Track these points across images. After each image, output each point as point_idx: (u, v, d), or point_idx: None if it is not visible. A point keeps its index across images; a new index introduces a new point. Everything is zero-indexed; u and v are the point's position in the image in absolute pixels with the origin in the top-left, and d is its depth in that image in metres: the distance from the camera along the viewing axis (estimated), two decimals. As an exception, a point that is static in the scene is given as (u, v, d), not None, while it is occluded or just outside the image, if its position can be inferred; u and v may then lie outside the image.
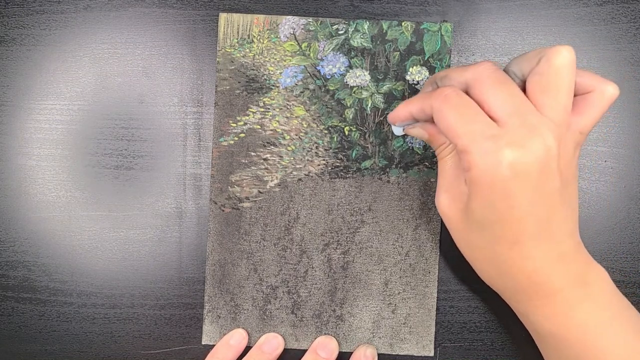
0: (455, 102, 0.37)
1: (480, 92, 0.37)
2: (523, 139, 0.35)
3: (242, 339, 0.48)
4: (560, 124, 0.36)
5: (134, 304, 0.49)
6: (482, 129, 0.36)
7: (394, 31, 0.48)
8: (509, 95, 0.36)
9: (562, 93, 0.36)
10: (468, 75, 0.38)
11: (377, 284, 0.49)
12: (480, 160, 0.35)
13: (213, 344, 0.49)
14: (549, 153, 0.35)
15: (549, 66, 0.36)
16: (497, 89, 0.36)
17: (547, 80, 0.36)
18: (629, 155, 0.49)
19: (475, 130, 0.36)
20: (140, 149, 0.49)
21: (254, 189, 0.48)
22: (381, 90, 0.48)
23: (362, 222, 0.48)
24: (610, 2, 0.48)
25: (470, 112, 0.36)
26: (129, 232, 0.49)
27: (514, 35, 0.48)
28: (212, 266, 0.48)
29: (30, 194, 0.49)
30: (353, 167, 0.48)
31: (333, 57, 0.48)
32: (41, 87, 0.48)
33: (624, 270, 0.49)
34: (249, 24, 0.48)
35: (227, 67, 0.48)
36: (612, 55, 0.48)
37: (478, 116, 0.36)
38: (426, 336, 0.49)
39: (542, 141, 0.35)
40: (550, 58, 0.36)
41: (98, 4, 0.48)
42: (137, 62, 0.48)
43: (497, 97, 0.36)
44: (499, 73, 0.37)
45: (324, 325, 0.49)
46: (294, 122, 0.48)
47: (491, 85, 0.36)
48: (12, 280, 0.49)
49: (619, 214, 0.49)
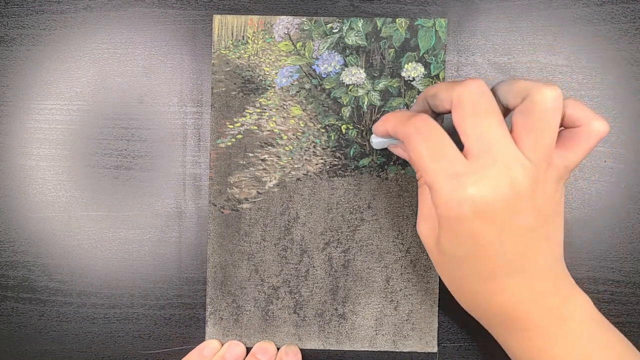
0: (425, 135, 0.36)
1: (460, 120, 0.36)
2: (490, 177, 0.35)
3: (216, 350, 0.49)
4: (539, 164, 0.36)
5: (134, 304, 0.49)
6: (448, 166, 0.35)
7: (388, 28, 0.48)
8: (487, 129, 0.35)
9: (545, 135, 0.36)
10: (454, 94, 0.37)
11: (379, 281, 0.48)
12: (444, 198, 0.35)
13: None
14: (517, 192, 0.35)
15: (532, 107, 0.35)
16: (476, 121, 0.36)
17: (530, 121, 0.35)
18: (629, 155, 0.48)
19: (442, 167, 0.35)
20: (140, 149, 0.49)
21: (252, 190, 0.48)
22: (377, 87, 0.48)
23: (361, 219, 0.48)
24: (610, 2, 0.48)
25: (438, 146, 0.36)
26: (129, 232, 0.49)
27: (514, 35, 0.48)
28: (213, 268, 0.48)
29: (30, 194, 0.49)
30: (351, 165, 0.48)
31: (328, 55, 0.48)
32: (41, 87, 0.49)
33: (624, 270, 0.49)
34: (243, 25, 0.48)
35: (223, 68, 0.48)
36: (612, 55, 0.48)
37: (446, 151, 0.36)
38: (429, 332, 0.49)
39: (510, 181, 0.35)
40: (534, 100, 0.35)
41: (98, 4, 0.48)
42: (137, 62, 0.49)
43: (473, 129, 0.35)
44: (483, 99, 0.36)
45: (326, 324, 0.49)
46: (291, 122, 0.48)
47: (470, 115, 0.36)
48: (12, 280, 0.49)
49: (619, 214, 0.49)
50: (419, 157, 0.36)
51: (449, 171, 0.35)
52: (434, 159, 0.35)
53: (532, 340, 0.39)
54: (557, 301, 0.39)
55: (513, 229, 0.36)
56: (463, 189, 0.34)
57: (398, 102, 0.48)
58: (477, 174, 0.35)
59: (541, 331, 0.39)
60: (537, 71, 0.48)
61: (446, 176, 0.35)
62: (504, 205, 0.35)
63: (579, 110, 0.37)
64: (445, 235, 0.37)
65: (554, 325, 0.39)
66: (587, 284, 0.49)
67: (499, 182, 0.35)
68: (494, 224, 0.35)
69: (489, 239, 0.36)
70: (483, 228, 0.35)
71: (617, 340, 0.40)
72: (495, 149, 0.35)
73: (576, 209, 0.48)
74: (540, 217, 0.37)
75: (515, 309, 0.39)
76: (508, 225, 0.36)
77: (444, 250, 0.38)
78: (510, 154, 0.35)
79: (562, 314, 0.39)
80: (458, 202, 0.35)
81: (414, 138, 0.37)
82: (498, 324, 0.41)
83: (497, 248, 0.36)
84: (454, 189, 0.35)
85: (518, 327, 0.39)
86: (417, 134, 0.36)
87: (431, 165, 0.36)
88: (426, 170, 0.36)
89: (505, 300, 0.38)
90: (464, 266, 0.38)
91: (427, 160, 0.36)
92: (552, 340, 0.39)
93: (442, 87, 0.38)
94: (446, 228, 0.37)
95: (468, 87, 0.36)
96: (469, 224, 0.35)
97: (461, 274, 0.39)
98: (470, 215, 0.35)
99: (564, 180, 0.38)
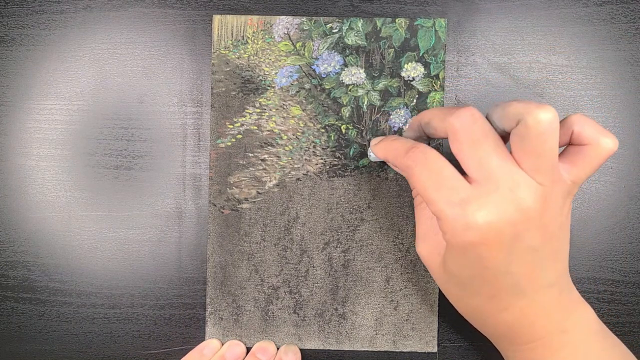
0: (425, 166, 0.37)
1: (457, 150, 0.36)
2: (496, 203, 0.35)
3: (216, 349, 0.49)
4: (545, 183, 0.36)
5: (134, 304, 0.49)
6: (451, 195, 0.35)
7: (388, 28, 0.48)
8: (485, 154, 0.35)
9: (545, 157, 0.35)
10: (448, 125, 0.36)
11: (379, 281, 0.48)
12: (451, 226, 0.35)
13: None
14: (526, 215, 0.35)
15: (527, 131, 0.35)
16: (473, 149, 0.35)
17: (527, 145, 0.35)
18: (629, 155, 0.48)
19: (446, 196, 0.35)
20: (139, 149, 0.49)
21: (252, 190, 0.48)
22: (377, 87, 0.48)
23: (361, 219, 0.48)
24: (610, 2, 0.48)
25: (440, 176, 0.36)
26: (129, 232, 0.49)
27: (514, 35, 0.48)
28: (213, 268, 0.48)
29: (30, 194, 0.49)
30: (351, 165, 0.48)
31: (328, 55, 0.48)
32: (41, 87, 0.49)
33: (624, 270, 0.49)
34: (243, 25, 0.48)
35: (222, 68, 0.48)
36: (611, 55, 0.48)
37: (448, 180, 0.36)
38: (429, 332, 0.49)
39: (516, 204, 0.35)
40: (527, 124, 0.34)
41: (98, 4, 0.48)
42: (137, 62, 0.49)
43: (472, 157, 0.35)
44: (476, 126, 0.36)
45: (326, 324, 0.49)
46: (291, 122, 0.48)
47: (467, 144, 0.36)
48: (12, 280, 0.49)
49: (618, 214, 0.49)
50: (422, 188, 0.36)
51: (453, 199, 0.35)
52: (437, 189, 0.36)
53: (535, 351, 0.40)
54: (561, 315, 0.39)
55: (520, 251, 0.36)
56: (468, 215, 0.35)
57: (398, 102, 0.48)
58: (481, 200, 0.35)
59: (544, 343, 0.39)
60: (537, 71, 0.48)
61: (451, 204, 0.35)
62: (511, 228, 0.35)
63: (587, 127, 0.37)
64: (452, 259, 0.38)
65: (558, 337, 0.39)
66: (587, 284, 0.49)
67: (505, 206, 0.35)
68: (502, 247, 0.35)
69: (496, 262, 0.36)
70: (490, 252, 0.35)
71: (616, 348, 0.41)
72: (497, 173, 0.35)
73: (576, 209, 0.48)
74: (547, 235, 0.37)
75: (520, 324, 0.39)
76: (515, 247, 0.36)
77: (450, 272, 0.39)
78: (512, 176, 0.35)
79: (564, 327, 0.39)
80: (464, 228, 0.35)
81: (415, 170, 0.37)
82: (501, 337, 0.41)
83: (504, 269, 0.36)
84: (460, 216, 0.35)
85: (521, 340, 0.40)
86: (417, 166, 0.37)
87: (435, 195, 0.36)
88: (430, 200, 0.36)
89: (510, 317, 0.39)
90: (469, 287, 0.39)
91: (431, 191, 0.36)
92: (556, 352, 0.39)
93: (436, 116, 0.38)
94: (454, 253, 0.37)
95: (460, 117, 0.36)
96: (477, 249, 0.35)
97: (466, 293, 0.40)
98: (477, 240, 0.35)
99: (572, 195, 0.38)
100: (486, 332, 0.43)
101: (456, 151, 0.36)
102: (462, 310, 0.42)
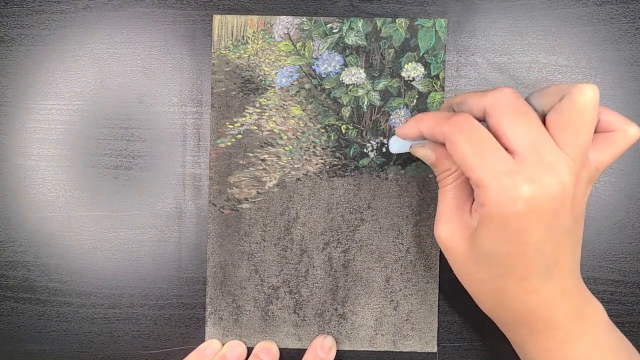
0: (469, 134, 0.36)
1: (499, 122, 0.36)
2: (540, 176, 0.35)
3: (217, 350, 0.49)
4: (578, 162, 0.36)
5: (134, 304, 0.49)
6: (498, 164, 0.35)
7: (388, 28, 0.48)
8: (528, 127, 0.35)
9: (583, 131, 0.36)
10: (486, 101, 0.37)
11: (379, 282, 0.49)
12: (496, 196, 0.35)
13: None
14: (564, 191, 0.35)
15: (571, 104, 0.35)
16: (516, 120, 0.36)
17: (568, 117, 0.36)
18: (629, 155, 0.48)
19: (491, 165, 0.35)
20: (139, 149, 0.49)
21: (252, 190, 0.48)
22: (377, 87, 0.48)
23: (361, 220, 0.48)
24: (609, 2, 0.48)
25: (485, 145, 0.36)
26: (129, 232, 0.49)
27: (513, 35, 0.48)
28: (213, 268, 0.48)
29: (30, 194, 0.49)
30: (351, 165, 0.48)
31: (328, 55, 0.48)
32: (41, 87, 0.49)
33: (624, 270, 0.49)
34: (243, 25, 0.48)
35: (222, 68, 0.48)
36: (611, 55, 0.48)
37: (493, 150, 0.36)
38: (429, 332, 0.49)
39: (558, 179, 0.35)
40: (573, 96, 0.35)
41: (98, 4, 0.48)
42: (137, 62, 0.49)
43: (516, 128, 0.36)
44: (519, 102, 0.36)
45: (326, 324, 0.49)
46: (291, 122, 0.48)
47: (510, 115, 0.36)
48: (12, 280, 0.49)
49: (618, 214, 0.49)
50: (463, 155, 0.36)
51: (499, 169, 0.35)
52: (481, 156, 0.35)
53: (556, 339, 0.39)
54: (580, 302, 0.39)
55: (557, 229, 0.36)
56: (518, 186, 0.34)
57: (398, 102, 0.48)
58: (529, 172, 0.35)
59: (565, 330, 0.39)
60: (537, 71, 0.48)
61: (497, 173, 0.35)
62: (552, 203, 0.35)
63: (613, 116, 0.38)
64: (489, 234, 0.37)
65: (577, 324, 0.39)
66: (587, 284, 0.48)
67: (549, 180, 0.35)
68: (543, 222, 0.35)
69: (536, 237, 0.36)
70: (532, 226, 0.35)
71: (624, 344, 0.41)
72: (540, 147, 0.35)
73: (576, 209, 0.49)
74: (575, 216, 0.37)
75: (543, 308, 0.39)
76: (553, 225, 0.36)
77: (482, 250, 0.38)
78: (555, 152, 0.35)
79: (584, 314, 0.39)
80: (512, 199, 0.35)
81: (458, 137, 0.36)
82: (521, 324, 0.41)
83: (539, 247, 0.36)
84: (509, 187, 0.35)
85: (543, 326, 0.39)
86: (461, 132, 0.36)
87: (478, 163, 0.35)
88: (472, 168, 0.36)
89: (534, 300, 0.38)
90: (502, 265, 0.38)
91: (473, 158, 0.36)
92: (576, 340, 0.39)
93: (471, 95, 0.38)
94: (492, 226, 0.36)
95: (501, 91, 0.37)
96: (520, 221, 0.35)
97: (491, 274, 0.39)
98: (523, 212, 0.35)
99: (593, 182, 0.39)
100: (504, 318, 0.42)
101: (496, 124, 0.36)
102: (483, 296, 0.41)
